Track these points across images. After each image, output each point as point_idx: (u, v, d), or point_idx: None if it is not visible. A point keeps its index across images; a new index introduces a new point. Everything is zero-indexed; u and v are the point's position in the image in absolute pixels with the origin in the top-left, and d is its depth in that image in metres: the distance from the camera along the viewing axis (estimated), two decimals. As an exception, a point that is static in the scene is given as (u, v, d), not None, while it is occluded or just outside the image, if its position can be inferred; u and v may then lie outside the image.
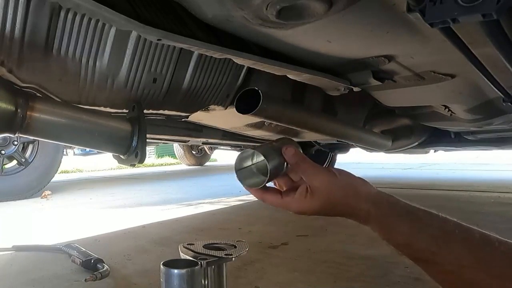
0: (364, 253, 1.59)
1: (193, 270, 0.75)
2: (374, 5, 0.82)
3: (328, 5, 0.77)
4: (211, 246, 0.85)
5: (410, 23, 0.88)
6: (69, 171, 7.11)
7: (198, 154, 7.80)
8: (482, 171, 5.09)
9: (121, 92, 1.14)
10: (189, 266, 0.75)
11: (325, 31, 0.94)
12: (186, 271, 0.74)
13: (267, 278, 1.34)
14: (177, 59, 1.19)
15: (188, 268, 0.75)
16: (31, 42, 0.92)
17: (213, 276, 0.79)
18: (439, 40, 0.90)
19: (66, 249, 1.60)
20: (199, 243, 0.85)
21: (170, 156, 10.38)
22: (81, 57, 1.01)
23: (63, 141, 1.05)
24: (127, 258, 1.59)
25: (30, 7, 0.88)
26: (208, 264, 0.76)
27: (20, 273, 1.45)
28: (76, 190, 4.25)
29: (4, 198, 3.40)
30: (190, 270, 0.74)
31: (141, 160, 1.06)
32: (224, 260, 0.80)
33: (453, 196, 3.15)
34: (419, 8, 0.69)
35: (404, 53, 1.09)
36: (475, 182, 3.94)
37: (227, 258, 0.80)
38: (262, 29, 0.89)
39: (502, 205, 2.66)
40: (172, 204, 3.10)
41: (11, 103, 0.86)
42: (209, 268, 0.77)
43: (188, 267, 0.75)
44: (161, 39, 0.88)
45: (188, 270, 0.74)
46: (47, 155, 3.74)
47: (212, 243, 0.86)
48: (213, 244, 0.85)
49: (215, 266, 0.78)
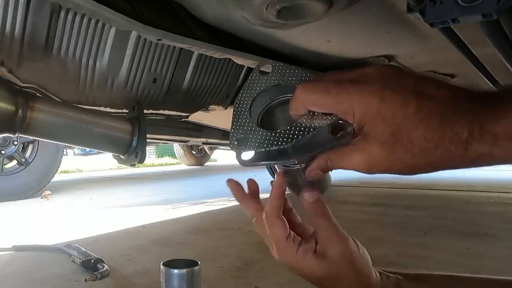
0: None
1: (193, 270, 0.74)
2: (374, 5, 0.82)
3: (328, 5, 0.77)
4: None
5: (410, 23, 0.88)
6: (69, 171, 7.11)
7: (198, 154, 7.81)
8: (482, 171, 5.09)
9: (121, 92, 1.14)
10: (189, 266, 0.75)
11: (325, 31, 0.94)
12: (186, 271, 0.74)
13: (267, 278, 1.34)
14: (177, 59, 1.19)
15: (188, 268, 0.74)
16: (31, 42, 0.92)
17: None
18: (439, 40, 0.91)
19: (66, 249, 1.60)
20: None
21: (170, 156, 10.39)
22: (81, 57, 1.01)
23: (63, 141, 1.05)
24: (127, 258, 1.59)
25: (30, 7, 0.88)
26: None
27: (20, 273, 1.45)
28: (76, 190, 4.25)
29: (4, 198, 3.40)
30: (190, 270, 0.74)
31: (141, 160, 1.06)
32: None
33: (453, 196, 3.15)
34: (419, 8, 0.69)
35: (404, 53, 1.09)
36: (475, 182, 3.94)
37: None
38: (262, 29, 0.89)
39: (502, 205, 2.66)
40: (172, 204, 3.10)
41: (11, 103, 0.86)
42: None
43: (188, 267, 0.74)
44: (161, 39, 0.88)
45: (188, 270, 0.74)
46: (47, 155, 3.74)
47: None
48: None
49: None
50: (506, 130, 0.36)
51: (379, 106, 0.40)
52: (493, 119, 0.36)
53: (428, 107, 0.39)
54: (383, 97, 0.40)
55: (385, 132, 0.40)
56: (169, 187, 4.37)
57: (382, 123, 0.40)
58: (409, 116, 0.39)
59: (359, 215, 2.40)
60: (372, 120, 0.41)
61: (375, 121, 0.41)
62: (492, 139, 0.36)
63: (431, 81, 0.42)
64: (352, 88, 0.42)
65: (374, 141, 0.41)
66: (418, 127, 0.39)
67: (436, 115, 0.39)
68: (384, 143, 0.41)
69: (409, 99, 0.40)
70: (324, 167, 0.47)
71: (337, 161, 0.45)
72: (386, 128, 0.40)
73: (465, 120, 0.37)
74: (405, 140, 0.40)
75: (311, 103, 0.44)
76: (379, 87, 0.41)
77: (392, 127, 0.40)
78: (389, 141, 0.40)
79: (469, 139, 0.37)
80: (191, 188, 4.29)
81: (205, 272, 1.46)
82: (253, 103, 0.50)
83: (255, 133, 0.47)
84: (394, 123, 0.40)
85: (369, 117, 0.41)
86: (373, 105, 0.41)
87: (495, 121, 0.36)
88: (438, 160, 0.40)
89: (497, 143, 0.36)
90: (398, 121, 0.39)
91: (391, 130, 0.40)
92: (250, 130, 0.47)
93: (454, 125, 0.38)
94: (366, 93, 0.41)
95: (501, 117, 0.36)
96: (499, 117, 0.36)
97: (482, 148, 0.37)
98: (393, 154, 0.41)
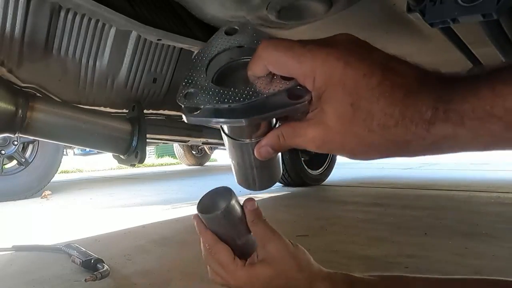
0: (364, 253, 1.59)
1: (228, 206, 0.62)
2: (374, 5, 0.82)
3: (328, 5, 0.77)
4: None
5: (410, 23, 0.88)
6: (69, 171, 7.12)
7: (198, 154, 7.81)
8: (482, 171, 5.10)
9: (121, 92, 1.14)
10: (223, 200, 0.64)
11: (325, 31, 0.94)
12: (221, 212, 0.61)
13: (267, 278, 1.33)
14: (177, 59, 1.19)
15: (224, 206, 0.62)
16: (31, 42, 0.92)
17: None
18: (439, 40, 0.91)
19: (66, 249, 1.60)
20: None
21: (170, 156, 10.39)
22: (81, 57, 1.01)
23: (63, 141, 1.05)
24: (127, 258, 1.59)
25: (30, 7, 0.88)
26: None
27: (20, 273, 1.45)
28: (76, 190, 4.25)
29: (4, 198, 3.40)
30: (225, 208, 0.62)
31: (141, 160, 1.06)
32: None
33: (453, 196, 3.15)
34: (419, 8, 0.69)
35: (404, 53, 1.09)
36: (475, 182, 3.94)
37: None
38: (262, 29, 0.89)
39: (502, 205, 2.66)
40: (172, 204, 3.10)
41: (11, 103, 0.86)
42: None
43: (223, 203, 0.63)
44: (161, 39, 0.88)
45: (224, 210, 0.62)
46: (47, 155, 3.74)
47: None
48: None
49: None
50: (473, 108, 0.33)
51: (342, 72, 0.37)
52: (461, 97, 0.34)
53: (392, 80, 0.37)
54: (347, 62, 0.38)
55: (344, 101, 0.38)
56: (169, 187, 4.37)
57: (342, 91, 0.37)
58: (371, 87, 0.37)
59: (359, 215, 2.40)
60: (333, 86, 0.38)
61: (336, 88, 0.38)
62: (458, 118, 0.34)
63: (401, 60, 0.39)
64: (317, 49, 0.39)
65: (331, 112, 0.39)
66: (379, 100, 0.36)
67: (399, 90, 0.36)
68: (342, 115, 0.38)
69: (374, 69, 0.37)
70: (276, 144, 0.44)
71: (290, 136, 0.42)
72: (345, 98, 0.37)
73: (430, 98, 0.35)
74: (364, 113, 0.37)
75: (271, 62, 0.40)
76: (346, 52, 0.38)
77: (352, 97, 0.37)
78: (347, 113, 0.38)
79: (432, 119, 0.34)
80: (191, 188, 4.29)
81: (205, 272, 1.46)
82: (211, 61, 0.47)
83: (207, 90, 0.43)
84: (355, 92, 0.37)
85: (330, 83, 0.38)
86: (336, 70, 0.38)
87: (462, 99, 0.34)
88: (395, 141, 0.37)
89: (463, 122, 0.34)
90: (359, 91, 0.37)
91: (351, 100, 0.37)
92: (202, 86, 0.44)
93: (418, 103, 0.35)
94: (331, 56, 0.38)
95: (469, 95, 0.33)
96: (467, 94, 0.34)
97: (445, 129, 0.34)
98: (349, 127, 0.38)
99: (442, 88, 0.35)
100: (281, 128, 0.43)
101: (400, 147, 0.37)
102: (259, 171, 0.53)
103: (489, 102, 0.32)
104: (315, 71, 0.38)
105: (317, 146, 0.41)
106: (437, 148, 0.36)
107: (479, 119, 0.33)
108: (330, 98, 0.38)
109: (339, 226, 2.04)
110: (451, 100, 0.34)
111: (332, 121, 0.39)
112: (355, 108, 0.37)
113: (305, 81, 0.39)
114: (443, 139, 0.35)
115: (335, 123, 0.38)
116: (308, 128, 0.41)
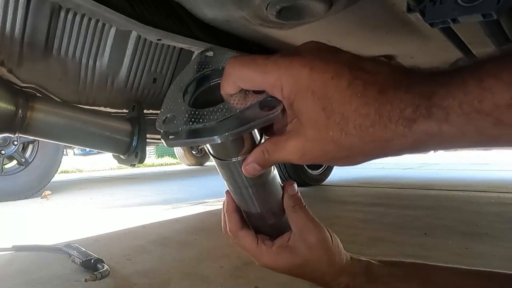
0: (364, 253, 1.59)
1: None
2: (374, 5, 0.82)
3: (328, 5, 0.77)
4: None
5: (410, 23, 0.88)
6: (69, 171, 7.12)
7: (198, 154, 7.81)
8: (482, 171, 5.10)
9: (121, 92, 1.14)
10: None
11: (325, 31, 0.94)
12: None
13: (267, 278, 1.33)
14: (177, 59, 1.19)
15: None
16: (31, 42, 0.92)
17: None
18: (439, 40, 0.91)
19: (66, 249, 1.60)
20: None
21: (170, 156, 10.40)
22: (81, 57, 1.01)
23: (63, 141, 1.05)
24: (127, 258, 1.59)
25: (30, 7, 0.88)
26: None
27: (20, 273, 1.45)
28: (76, 190, 4.25)
29: (4, 198, 3.40)
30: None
31: (141, 160, 1.06)
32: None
33: (453, 196, 3.15)
34: (419, 8, 0.69)
35: (404, 53, 1.09)
36: (475, 182, 3.94)
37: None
38: (262, 29, 0.89)
39: (502, 205, 2.66)
40: (172, 204, 3.10)
41: (11, 103, 0.86)
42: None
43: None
44: (161, 39, 0.88)
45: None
46: (47, 155, 3.74)
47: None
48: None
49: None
50: (460, 103, 0.30)
51: (308, 77, 0.36)
52: (445, 92, 0.31)
53: (363, 79, 0.35)
54: (312, 67, 0.36)
55: (316, 107, 0.36)
56: (169, 187, 4.37)
57: (312, 96, 0.36)
58: (341, 88, 0.35)
59: (360, 215, 2.40)
60: (301, 93, 0.37)
61: (305, 95, 0.36)
62: (442, 114, 0.31)
63: (371, 58, 0.37)
64: (280, 59, 0.38)
65: (305, 120, 0.37)
66: (351, 101, 0.34)
67: (371, 88, 0.34)
68: (315, 121, 0.36)
69: (342, 70, 0.36)
70: (261, 160, 0.43)
71: (274, 151, 0.42)
72: (316, 103, 0.36)
73: (409, 94, 0.33)
74: (338, 116, 0.35)
75: (239, 78, 0.40)
76: (310, 57, 0.37)
77: (323, 101, 0.36)
78: (320, 118, 0.36)
79: (414, 117, 0.32)
80: (191, 188, 4.29)
81: (205, 272, 1.47)
82: (188, 86, 0.48)
83: (183, 113, 0.44)
84: (325, 96, 0.35)
85: (298, 90, 0.37)
86: (302, 76, 0.36)
87: (447, 93, 0.31)
88: (375, 142, 0.35)
89: (448, 119, 0.31)
90: (329, 94, 0.35)
91: (322, 105, 0.36)
92: (179, 110, 0.45)
93: (395, 100, 0.33)
94: (295, 63, 0.37)
95: (454, 89, 0.31)
96: (452, 89, 0.31)
97: (429, 126, 0.32)
98: (326, 133, 0.36)
99: (423, 84, 0.33)
100: (265, 144, 0.43)
101: (382, 147, 0.35)
102: (254, 190, 0.53)
103: (477, 96, 0.30)
104: (281, 79, 0.38)
105: (298, 158, 0.40)
106: (422, 146, 0.34)
107: (466, 115, 0.30)
108: (301, 105, 0.37)
109: (339, 226, 2.04)
110: (433, 96, 0.32)
111: (307, 129, 0.37)
112: (328, 112, 0.36)
113: (274, 91, 0.39)
114: (427, 136, 0.33)
115: (310, 131, 0.37)
116: (287, 141, 0.40)
